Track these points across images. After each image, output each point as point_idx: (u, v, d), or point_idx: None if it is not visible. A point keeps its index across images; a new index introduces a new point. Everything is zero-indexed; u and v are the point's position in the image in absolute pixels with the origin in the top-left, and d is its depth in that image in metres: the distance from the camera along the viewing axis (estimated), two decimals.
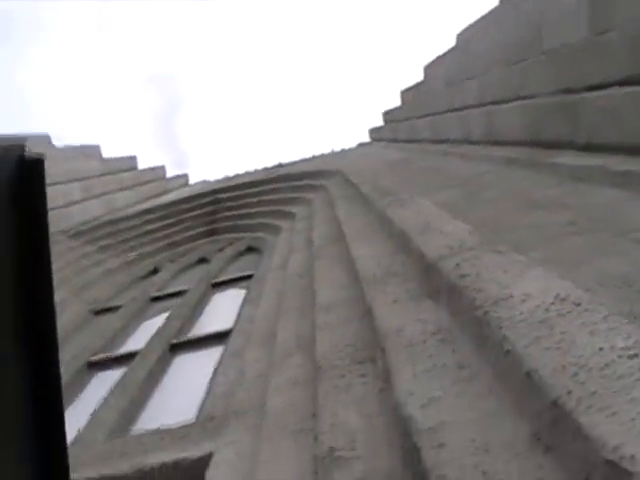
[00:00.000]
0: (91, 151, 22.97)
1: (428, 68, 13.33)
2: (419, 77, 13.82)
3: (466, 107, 9.54)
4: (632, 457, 1.16)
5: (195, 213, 12.09)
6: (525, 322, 1.90)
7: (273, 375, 3.51)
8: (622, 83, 4.76)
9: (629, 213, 3.29)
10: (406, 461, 1.92)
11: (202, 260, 10.10)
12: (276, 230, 9.83)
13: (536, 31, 7.12)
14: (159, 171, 30.25)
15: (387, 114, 19.29)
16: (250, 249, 10.18)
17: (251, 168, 23.24)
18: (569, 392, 1.46)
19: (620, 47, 4.81)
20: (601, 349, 1.60)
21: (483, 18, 9.40)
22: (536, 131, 6.32)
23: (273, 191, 11.90)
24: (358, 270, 3.96)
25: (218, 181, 21.82)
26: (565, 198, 4.07)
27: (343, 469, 2.02)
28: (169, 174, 24.07)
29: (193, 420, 3.69)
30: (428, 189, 5.96)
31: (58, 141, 16.20)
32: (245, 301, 6.66)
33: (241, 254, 10.08)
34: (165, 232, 11.24)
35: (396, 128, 15.89)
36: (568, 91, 5.72)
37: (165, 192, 26.63)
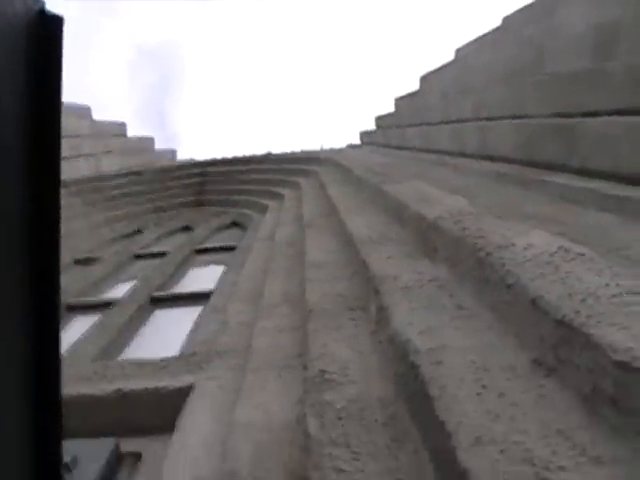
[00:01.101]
0: (82, 111, 22.65)
1: (424, 79, 13.41)
2: (414, 85, 13.90)
3: (460, 120, 9.60)
4: None
5: (183, 182, 12.01)
6: (530, 262, 1.92)
7: (258, 323, 3.49)
8: (620, 113, 4.80)
9: (619, 234, 3.31)
10: (399, 385, 1.93)
11: (186, 228, 10.03)
12: (263, 209, 9.79)
13: (537, 55, 7.16)
14: (148, 142, 29.94)
15: (380, 119, 19.28)
16: (235, 224, 10.13)
17: (239, 154, 23.10)
18: (577, 312, 1.48)
19: (621, 78, 4.87)
20: (607, 285, 1.62)
21: (483, 37, 9.50)
22: (529, 151, 6.36)
23: (263, 171, 11.87)
24: (352, 234, 3.95)
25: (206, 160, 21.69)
26: (556, 214, 4.11)
27: (335, 391, 2.01)
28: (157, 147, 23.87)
29: (175, 355, 3.65)
30: None
31: None
32: (228, 268, 6.62)
33: (226, 227, 10.02)
34: (152, 196, 11.14)
35: (388, 134, 15.90)
36: (565, 115, 5.77)
37: (152, 164, 26.39)
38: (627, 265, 1.99)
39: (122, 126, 28.91)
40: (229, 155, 16.69)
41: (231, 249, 7.78)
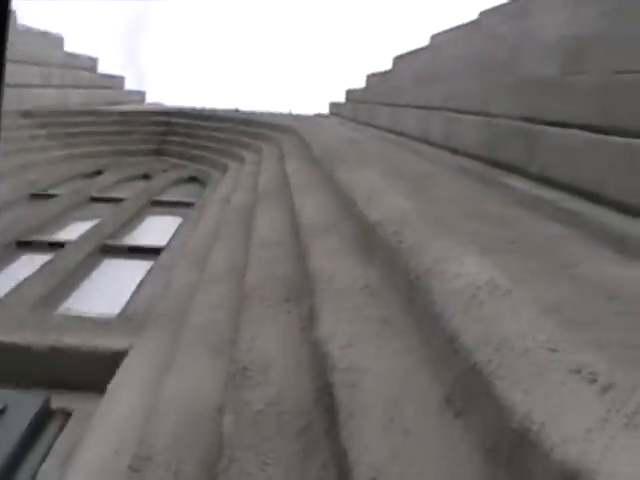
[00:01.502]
0: (54, 40, 21.66)
1: (398, 60, 13.27)
2: (387, 65, 13.78)
3: (428, 107, 9.54)
4: (542, 424, 1.18)
5: (148, 129, 11.66)
6: (456, 294, 1.92)
7: (199, 294, 3.45)
8: (582, 127, 4.84)
9: (568, 250, 3.37)
10: (318, 395, 1.92)
11: (145, 176, 9.79)
12: (223, 168, 9.62)
13: (510, 54, 7.08)
14: (118, 81, 28.95)
15: (350, 93, 19.08)
16: (193, 178, 9.95)
17: (207, 105, 22.65)
18: (489, 360, 1.48)
19: (589, 93, 4.89)
20: (524, 336, 1.62)
21: (459, 28, 9.39)
22: (492, 150, 6.37)
23: (228, 130, 11.60)
24: (299, 216, 3.92)
25: (173, 108, 21.15)
26: (511, 219, 4.14)
27: (255, 390, 1.99)
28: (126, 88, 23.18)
29: (115, 316, 3.59)
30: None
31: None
32: (182, 224, 6.52)
33: (185, 181, 9.83)
34: (114, 138, 10.79)
35: (357, 109, 15.75)
36: (530, 120, 5.79)
37: (120, 103, 25.57)
38: (555, 311, 2.02)
39: (93, 61, 27.82)
40: (197, 106, 16.31)
41: (188, 205, 7.65)
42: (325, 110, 20.85)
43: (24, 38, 16.78)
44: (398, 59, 13.37)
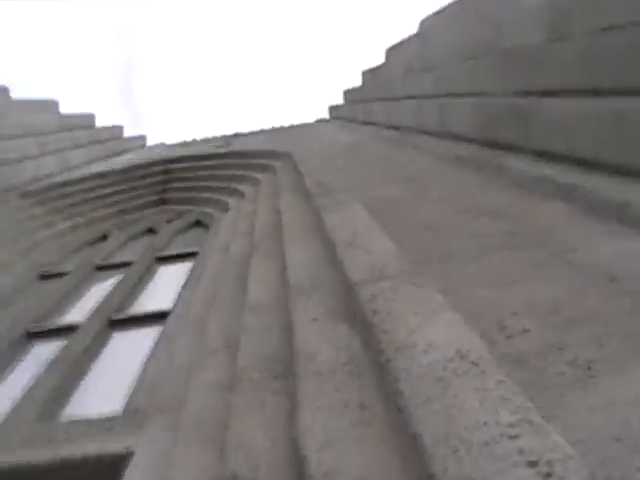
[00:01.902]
0: (49, 106, 22.05)
1: (390, 51, 13.20)
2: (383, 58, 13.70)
3: (421, 96, 9.45)
4: None
5: (147, 181, 11.77)
6: (423, 376, 1.89)
7: (197, 371, 3.47)
8: (573, 93, 4.79)
9: (569, 230, 3.36)
10: None
11: (150, 230, 9.88)
12: (224, 207, 9.68)
13: (495, 30, 7.08)
14: (116, 130, 29.36)
15: (347, 93, 19.24)
16: (198, 222, 10.02)
17: (208, 134, 22.88)
18: (445, 469, 1.46)
19: (573, 59, 4.82)
20: (485, 423, 1.60)
21: (445, 9, 9.25)
22: (488, 130, 6.34)
23: (224, 167, 11.67)
24: (287, 274, 3.91)
25: (176, 145, 21.37)
26: (507, 207, 4.12)
27: None
28: (126, 134, 23.50)
29: (120, 412, 3.62)
30: (374, 183, 5.97)
31: (14, 93, 15.45)
32: (187, 281, 6.56)
33: (189, 227, 9.90)
34: (116, 198, 10.89)
35: (354, 109, 15.81)
36: (522, 93, 5.73)
37: (122, 152, 25.89)
38: (525, 368, 1.99)
39: (90, 117, 28.30)
40: (198, 136, 16.43)
41: (192, 255, 7.70)
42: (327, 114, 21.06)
43: (18, 110, 17.14)
44: (390, 50, 13.24)
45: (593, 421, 1.66)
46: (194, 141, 33.27)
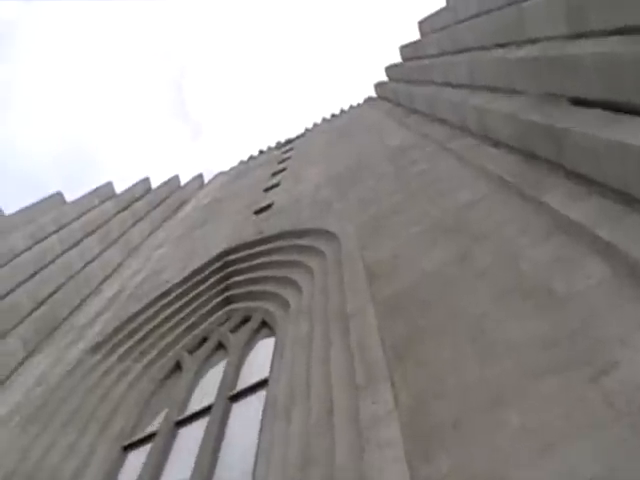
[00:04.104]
0: (104, 191, 22.84)
1: (422, 25, 15.59)
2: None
3: (458, 85, 11.59)
4: None
5: (209, 283, 11.83)
6: None
7: None
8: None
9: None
10: None
11: (220, 345, 9.89)
12: (284, 304, 9.57)
13: (518, 15, 8.38)
14: (173, 182, 30.15)
15: (389, 70, 22.73)
16: (264, 323, 9.94)
17: (262, 140, 23.92)
18: None
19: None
20: None
21: None
22: (526, 144, 7.53)
23: (278, 251, 11.54)
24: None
25: (232, 173, 21.83)
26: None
27: None
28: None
29: None
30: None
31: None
32: (263, 424, 6.50)
33: (256, 331, 9.82)
34: (182, 314, 10.95)
35: (397, 89, 18.63)
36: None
37: (182, 203, 26.44)
38: None
39: (145, 182, 29.06)
40: (253, 139, 16.98)
41: (264, 383, 7.63)
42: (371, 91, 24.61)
43: (76, 212, 17.96)
44: (422, 23, 15.31)
45: None
46: (250, 158, 34.01)
